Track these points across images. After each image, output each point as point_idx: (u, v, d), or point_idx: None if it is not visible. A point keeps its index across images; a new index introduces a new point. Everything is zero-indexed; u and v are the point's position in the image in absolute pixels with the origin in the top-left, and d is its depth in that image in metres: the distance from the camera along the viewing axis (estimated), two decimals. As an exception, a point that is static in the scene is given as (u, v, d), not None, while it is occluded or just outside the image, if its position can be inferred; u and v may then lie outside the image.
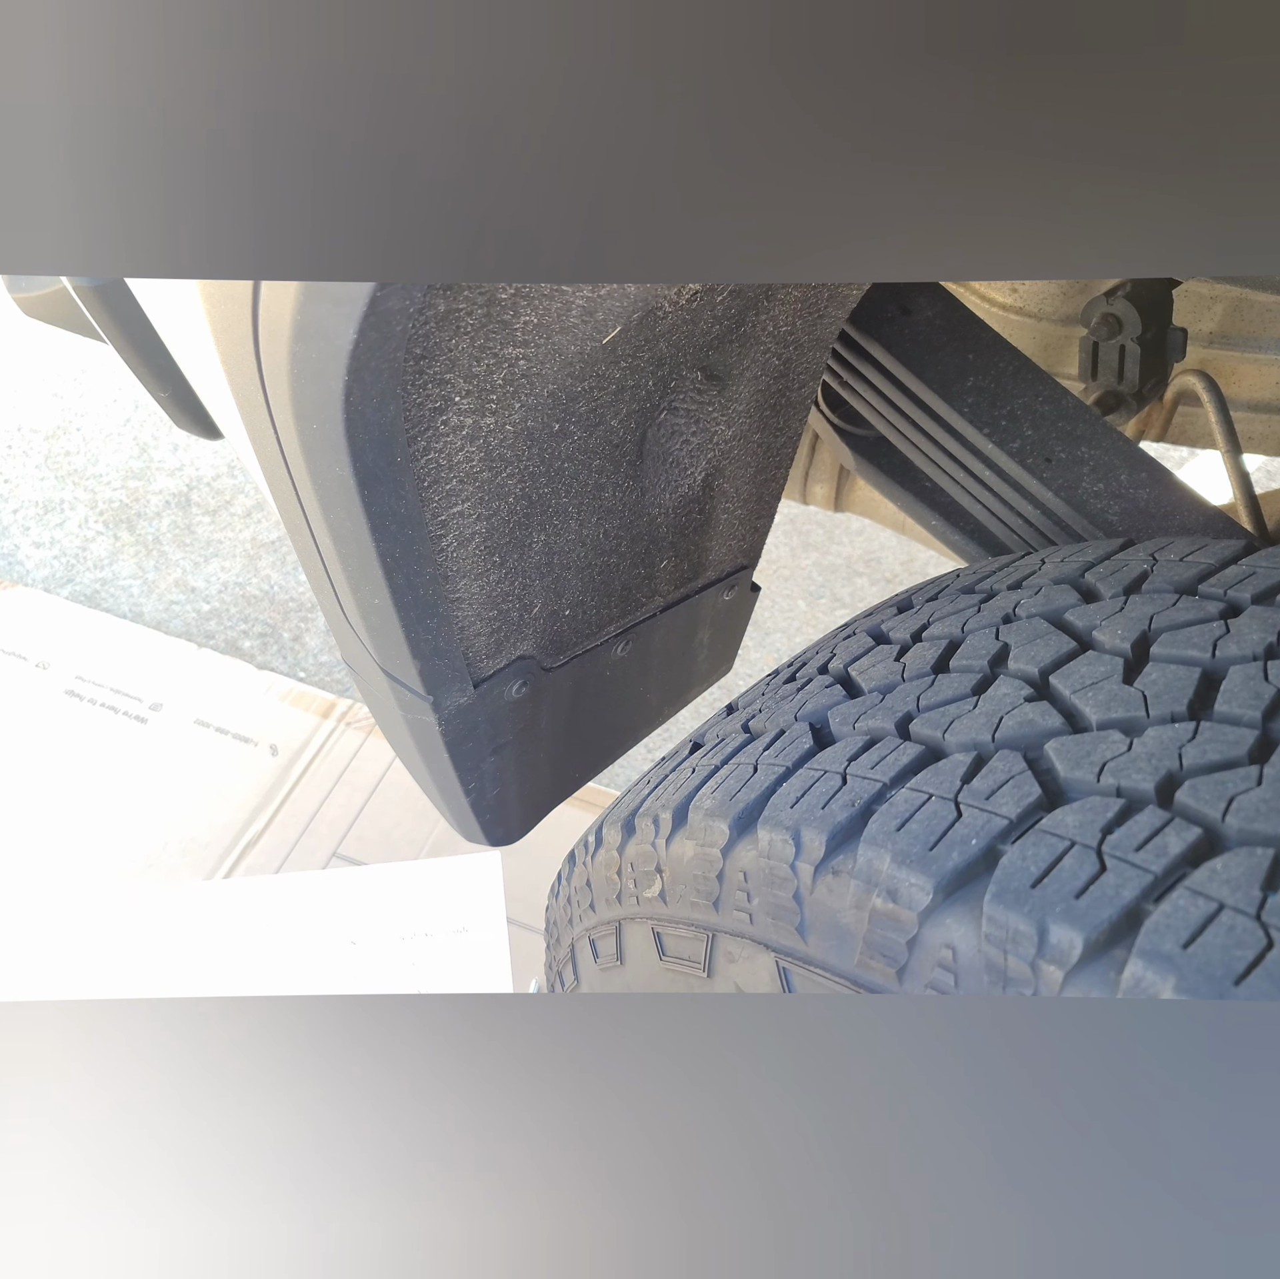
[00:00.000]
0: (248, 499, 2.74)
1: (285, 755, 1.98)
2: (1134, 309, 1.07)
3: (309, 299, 0.48)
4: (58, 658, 2.11)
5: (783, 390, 0.86)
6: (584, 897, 0.86)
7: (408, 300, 0.49)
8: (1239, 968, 0.42)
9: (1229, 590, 0.61)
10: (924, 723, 0.61)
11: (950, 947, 0.50)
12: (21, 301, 1.34)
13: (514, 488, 0.70)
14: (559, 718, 0.93)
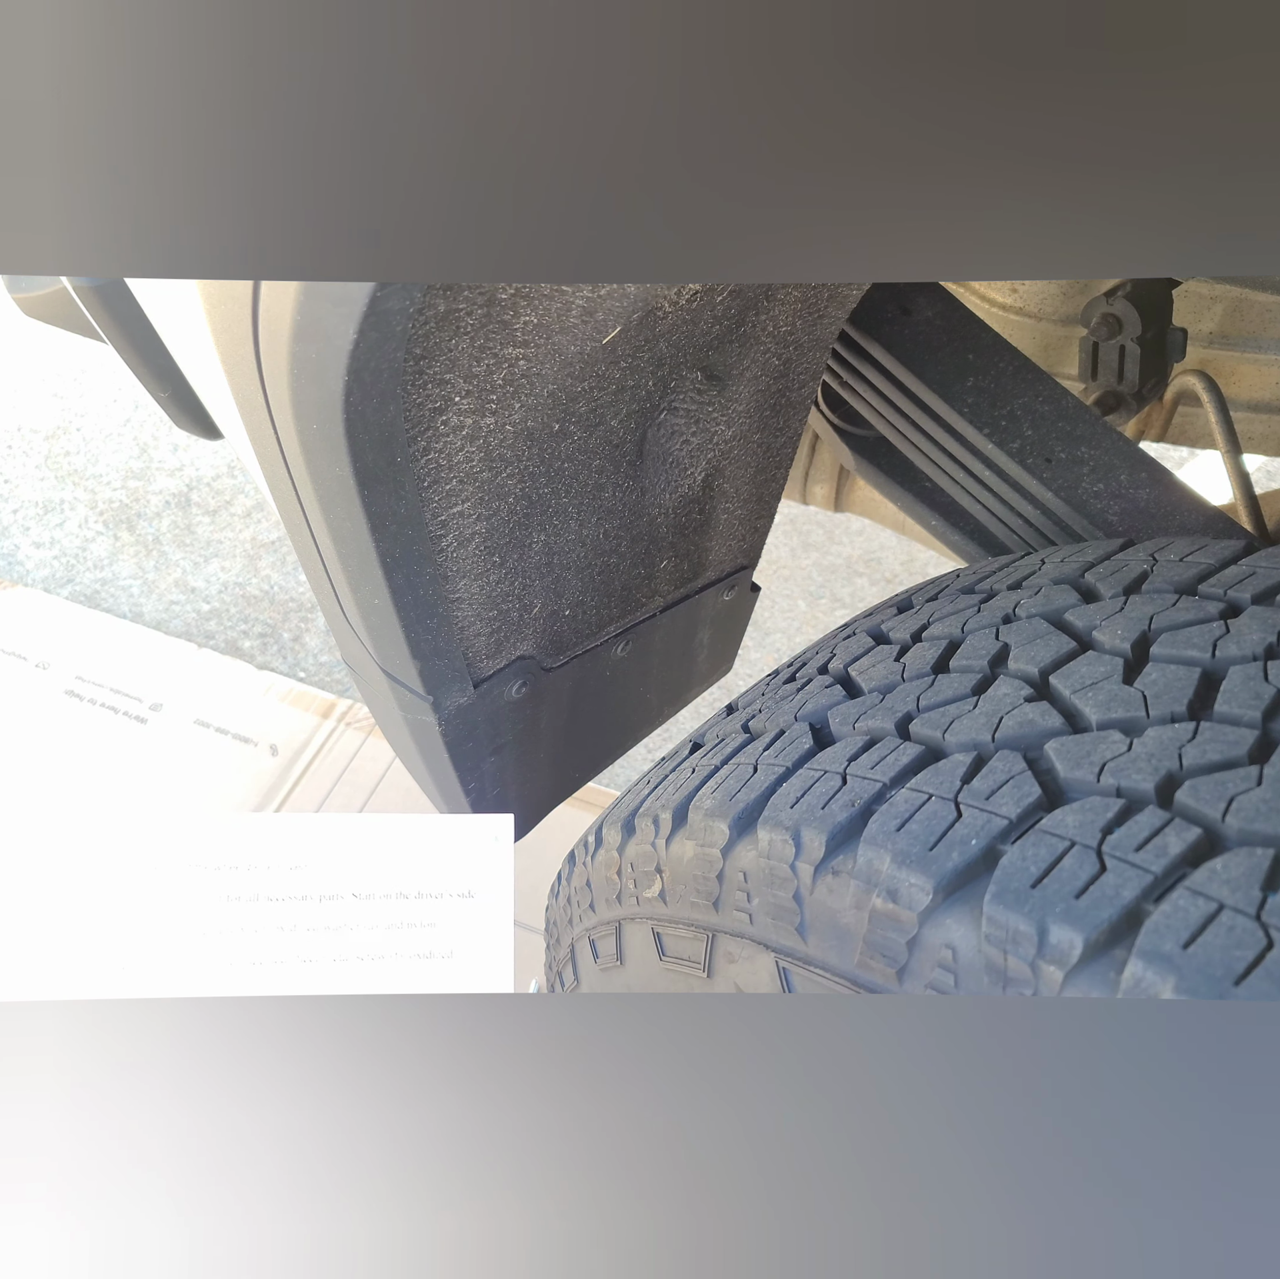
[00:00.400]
0: (248, 499, 2.74)
1: (285, 756, 1.98)
2: (1134, 309, 1.07)
3: (309, 299, 0.48)
4: (58, 658, 2.11)
5: (783, 390, 0.86)
6: (584, 897, 0.86)
7: (408, 300, 0.49)
8: (1239, 968, 0.42)
9: (1229, 590, 0.61)
10: (924, 723, 0.61)
11: (950, 947, 0.50)
12: (21, 301, 1.34)
13: (514, 488, 0.70)
14: (559, 718, 0.93)
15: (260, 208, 0.37)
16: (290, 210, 0.37)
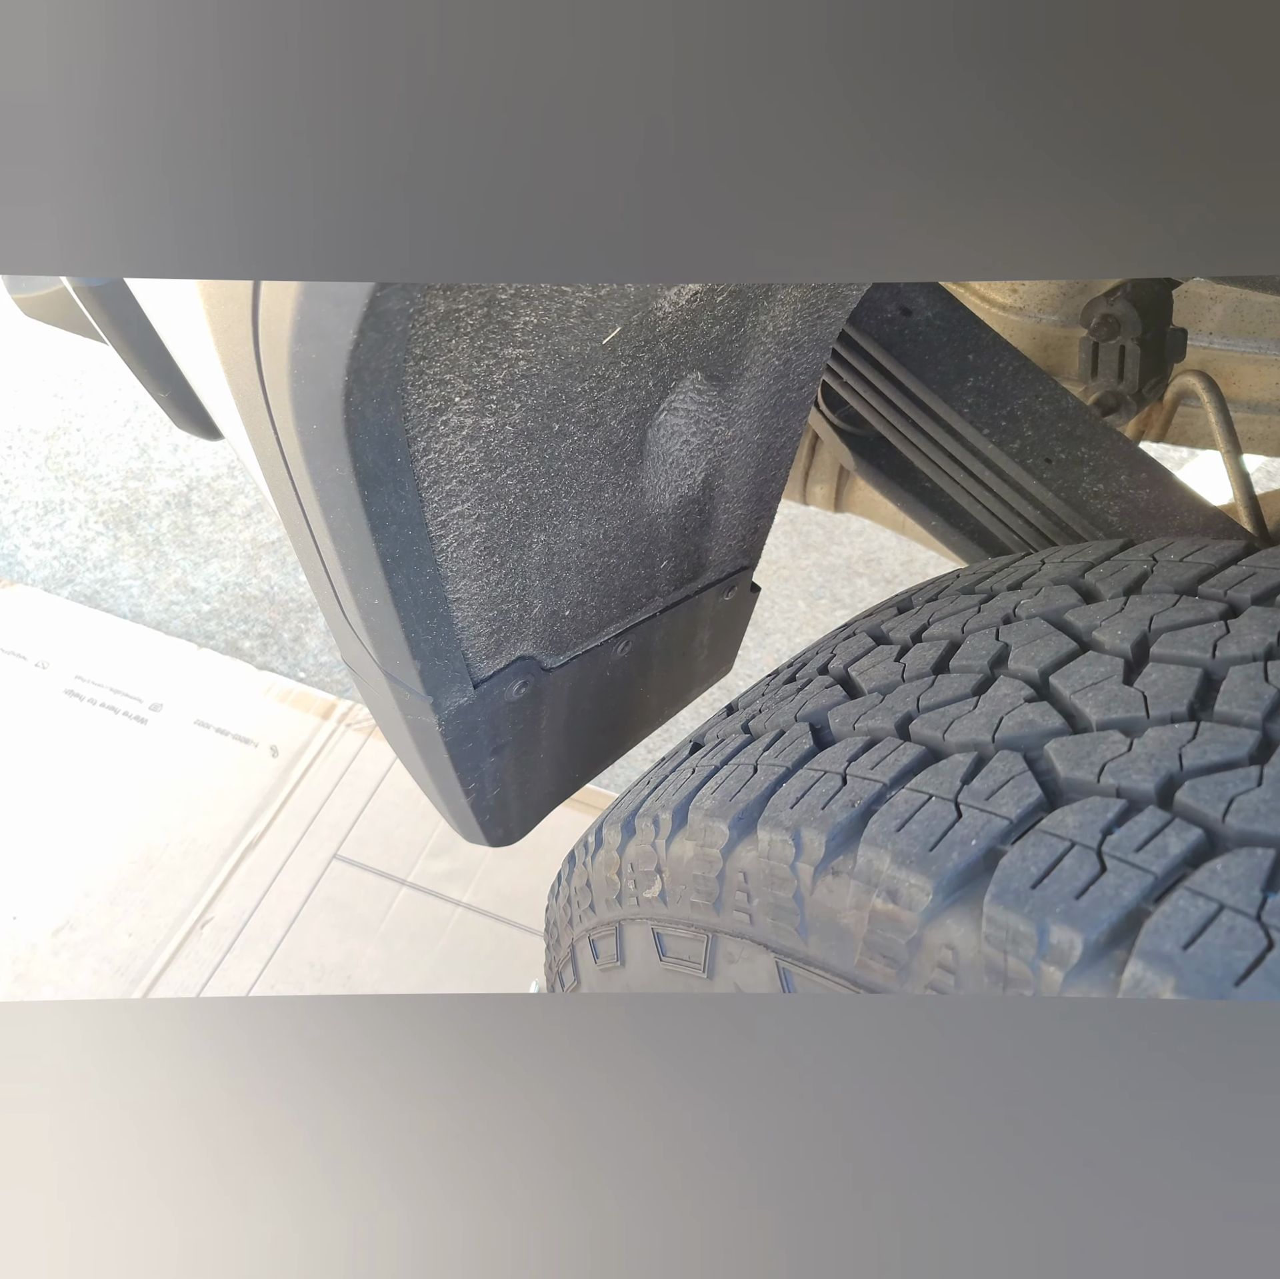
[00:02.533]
0: (248, 499, 2.74)
1: (285, 756, 1.98)
2: (1134, 309, 1.07)
3: (309, 299, 0.48)
4: (57, 658, 2.11)
5: (783, 390, 0.86)
6: (584, 897, 0.86)
7: (408, 300, 0.49)
8: (1239, 968, 0.42)
9: (1229, 591, 0.61)
10: (924, 723, 0.61)
11: (950, 947, 0.50)
12: (21, 302, 1.34)
13: (514, 488, 0.70)
14: (559, 718, 0.92)
15: (260, 208, 0.37)
16: (290, 210, 0.37)
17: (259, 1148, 0.40)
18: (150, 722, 2.03)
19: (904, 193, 0.37)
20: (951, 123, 0.36)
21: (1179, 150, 0.35)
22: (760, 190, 0.37)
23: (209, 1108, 0.41)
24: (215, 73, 0.35)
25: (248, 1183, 0.39)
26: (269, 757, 1.98)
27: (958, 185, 0.37)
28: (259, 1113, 0.41)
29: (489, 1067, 0.42)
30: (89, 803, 1.91)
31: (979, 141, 0.36)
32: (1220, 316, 1.19)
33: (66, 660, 2.11)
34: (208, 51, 0.35)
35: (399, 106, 0.36)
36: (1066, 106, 0.35)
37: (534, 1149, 0.40)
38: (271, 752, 1.99)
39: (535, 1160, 0.40)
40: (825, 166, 0.37)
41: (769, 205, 0.37)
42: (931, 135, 0.36)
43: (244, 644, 2.43)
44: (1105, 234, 0.37)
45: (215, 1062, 0.43)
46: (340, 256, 0.38)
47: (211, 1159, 0.40)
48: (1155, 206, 0.36)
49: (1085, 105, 0.35)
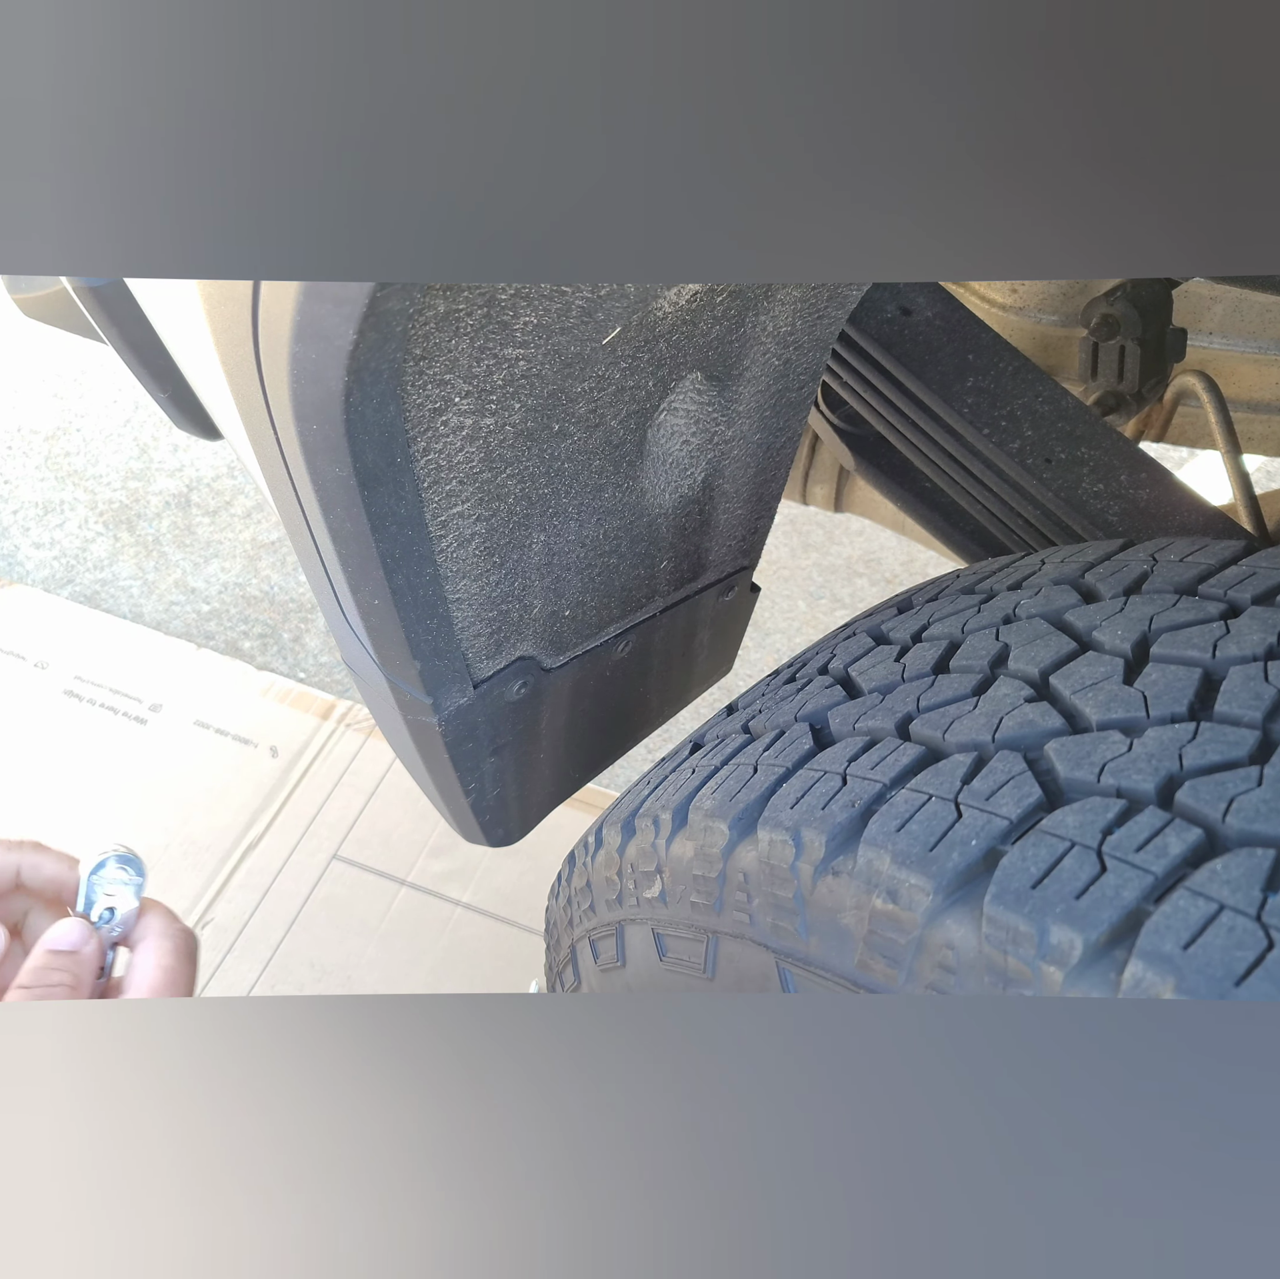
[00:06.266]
0: (248, 499, 2.74)
1: (285, 757, 1.98)
2: (1134, 309, 1.08)
3: (309, 299, 0.48)
4: (57, 658, 2.11)
5: (783, 390, 0.86)
6: (584, 898, 0.86)
7: (407, 300, 0.49)
8: (1239, 969, 0.42)
9: (1229, 591, 0.61)
10: (924, 723, 0.61)
11: (950, 947, 0.50)
12: (21, 302, 1.34)
13: (514, 488, 0.70)
14: (559, 718, 0.92)
15: (260, 208, 0.37)
16: (290, 210, 0.37)
17: (259, 1148, 0.40)
18: (150, 722, 2.03)
19: (904, 193, 0.37)
20: (951, 122, 0.36)
21: (1179, 150, 0.35)
22: (760, 190, 0.37)
23: (209, 1108, 0.41)
24: (215, 72, 0.35)
25: (247, 1183, 0.39)
26: (269, 757, 1.98)
27: (958, 185, 0.37)
28: (259, 1113, 0.41)
29: (489, 1067, 0.42)
30: (88, 803, 1.91)
31: (979, 141, 0.36)
32: (1220, 316, 1.19)
33: (66, 660, 2.10)
34: (207, 51, 0.35)
35: (399, 106, 0.36)
36: (1066, 106, 0.35)
37: (534, 1149, 0.40)
38: (271, 752, 1.99)
39: (536, 1161, 0.40)
40: (825, 166, 0.37)
41: (769, 205, 0.37)
42: (931, 135, 0.36)
43: (244, 644, 2.43)
44: (1105, 234, 0.37)
45: (215, 1062, 0.43)
46: (340, 256, 0.38)
47: (211, 1159, 0.40)
48: (1155, 207, 0.36)
49: (1085, 105, 0.35)
